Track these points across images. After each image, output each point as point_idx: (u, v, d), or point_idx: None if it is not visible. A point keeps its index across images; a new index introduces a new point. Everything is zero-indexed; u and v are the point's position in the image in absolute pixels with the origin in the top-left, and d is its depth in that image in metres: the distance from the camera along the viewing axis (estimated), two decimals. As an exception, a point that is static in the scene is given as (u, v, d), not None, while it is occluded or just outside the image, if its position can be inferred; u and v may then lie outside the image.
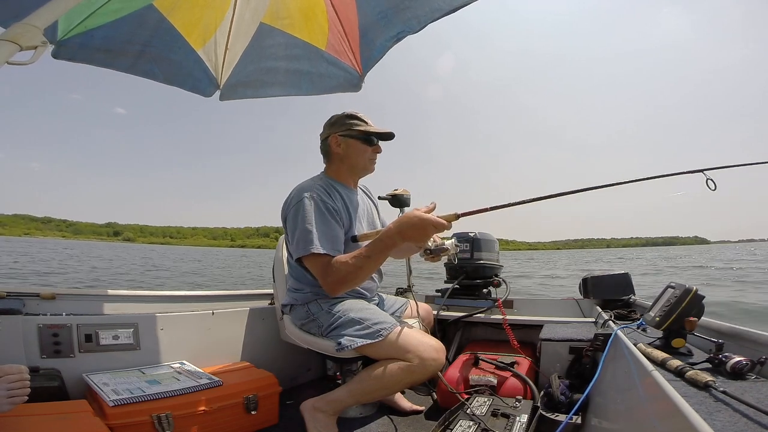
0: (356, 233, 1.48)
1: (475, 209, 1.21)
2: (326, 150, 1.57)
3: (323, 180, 1.52)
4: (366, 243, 1.35)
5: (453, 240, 1.33)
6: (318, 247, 1.32)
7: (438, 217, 1.19)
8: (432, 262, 1.35)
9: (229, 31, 1.87)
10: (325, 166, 1.61)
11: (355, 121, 1.52)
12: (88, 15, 1.56)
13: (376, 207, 1.78)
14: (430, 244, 1.28)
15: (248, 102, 2.12)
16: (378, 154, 1.58)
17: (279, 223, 1.55)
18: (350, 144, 1.52)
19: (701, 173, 1.23)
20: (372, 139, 1.53)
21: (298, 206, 1.39)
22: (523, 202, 1.22)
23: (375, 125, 1.55)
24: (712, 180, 1.21)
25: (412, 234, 1.20)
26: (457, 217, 1.20)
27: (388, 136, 1.57)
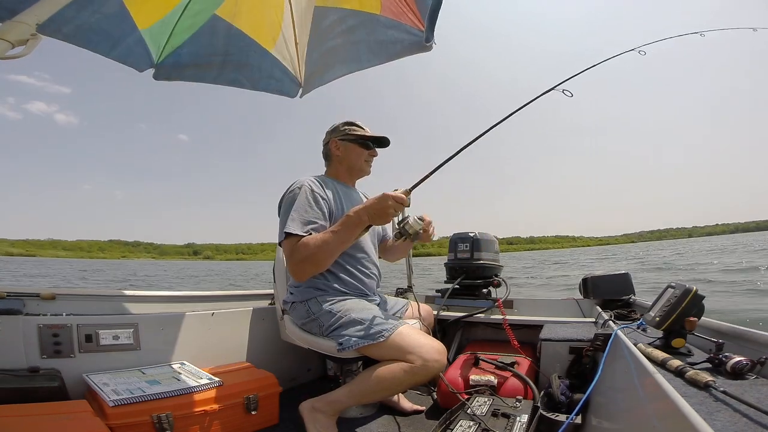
0: None
1: (420, 179, 1.31)
2: (327, 153, 1.68)
3: (319, 177, 1.59)
4: None
5: (413, 216, 1.41)
6: (289, 228, 1.35)
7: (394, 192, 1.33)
8: (412, 242, 1.48)
9: (293, 25, 1.86)
10: (325, 169, 1.71)
11: (353, 127, 1.64)
12: (169, 35, 1.62)
13: None
14: (395, 221, 1.40)
15: (309, 114, 2.08)
16: (374, 158, 1.68)
17: None
18: (348, 147, 1.63)
19: (557, 90, 1.47)
20: (368, 144, 1.64)
21: (287, 197, 1.47)
22: (459, 150, 1.32)
23: (371, 131, 1.65)
24: (568, 90, 1.46)
25: (375, 206, 1.28)
26: (410, 190, 1.32)
27: (383, 141, 1.67)
